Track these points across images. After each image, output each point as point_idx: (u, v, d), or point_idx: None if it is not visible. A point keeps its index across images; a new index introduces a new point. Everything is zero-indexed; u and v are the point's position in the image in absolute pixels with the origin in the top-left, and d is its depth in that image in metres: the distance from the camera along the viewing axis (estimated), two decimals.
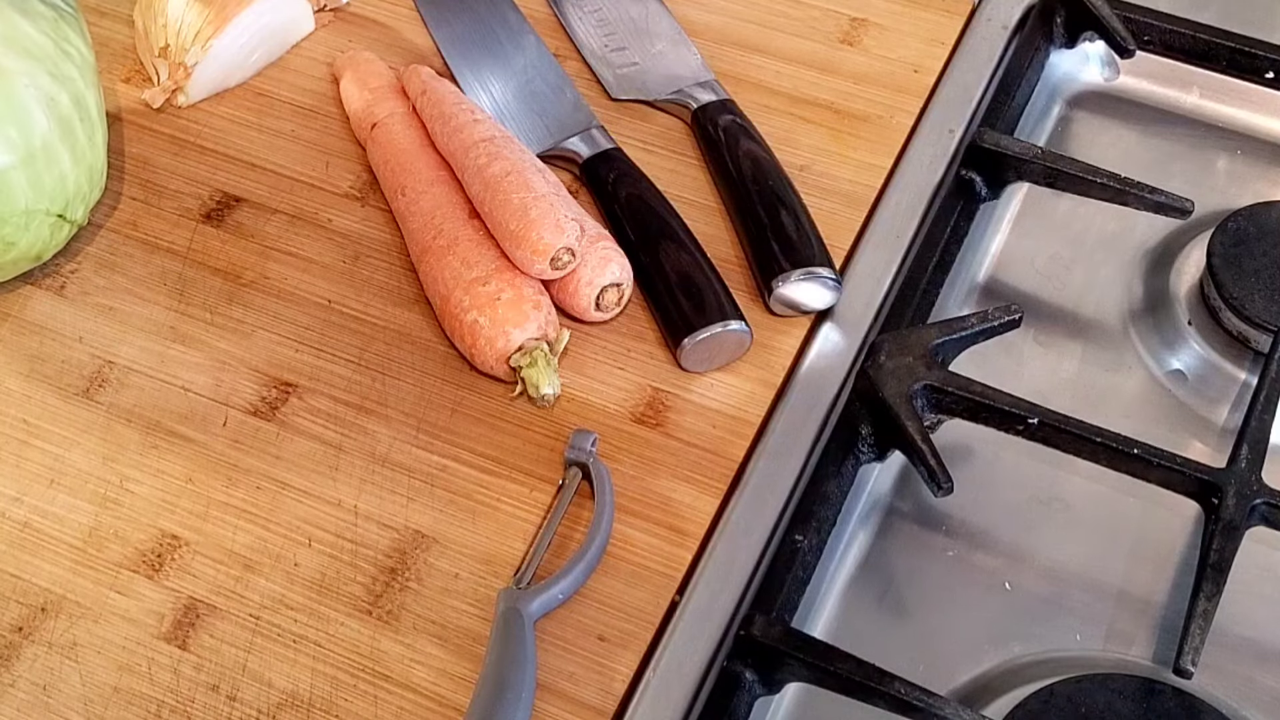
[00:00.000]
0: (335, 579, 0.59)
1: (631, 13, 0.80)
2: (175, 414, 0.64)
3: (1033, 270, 0.76)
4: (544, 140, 0.73)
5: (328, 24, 0.81)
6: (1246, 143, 0.81)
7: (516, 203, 0.64)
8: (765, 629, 0.58)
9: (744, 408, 0.64)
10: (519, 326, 0.63)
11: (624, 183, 0.70)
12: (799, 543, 0.62)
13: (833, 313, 0.67)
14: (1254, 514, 0.62)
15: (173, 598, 0.59)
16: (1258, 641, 0.62)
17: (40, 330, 0.67)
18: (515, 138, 0.69)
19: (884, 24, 0.80)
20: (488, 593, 0.59)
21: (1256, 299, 0.70)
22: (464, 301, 0.64)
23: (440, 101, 0.70)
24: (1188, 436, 0.69)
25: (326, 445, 0.63)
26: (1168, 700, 0.59)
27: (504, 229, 0.64)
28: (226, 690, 0.56)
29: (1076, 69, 0.85)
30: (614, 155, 0.72)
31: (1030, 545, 0.65)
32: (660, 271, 0.66)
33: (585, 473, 0.61)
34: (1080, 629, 0.63)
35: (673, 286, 0.66)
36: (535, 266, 0.64)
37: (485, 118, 0.70)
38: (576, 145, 0.72)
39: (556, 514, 0.60)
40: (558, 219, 0.63)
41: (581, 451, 0.61)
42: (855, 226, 0.71)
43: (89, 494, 0.62)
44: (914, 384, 0.64)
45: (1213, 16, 0.82)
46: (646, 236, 0.68)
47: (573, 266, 0.64)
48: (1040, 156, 0.74)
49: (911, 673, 0.56)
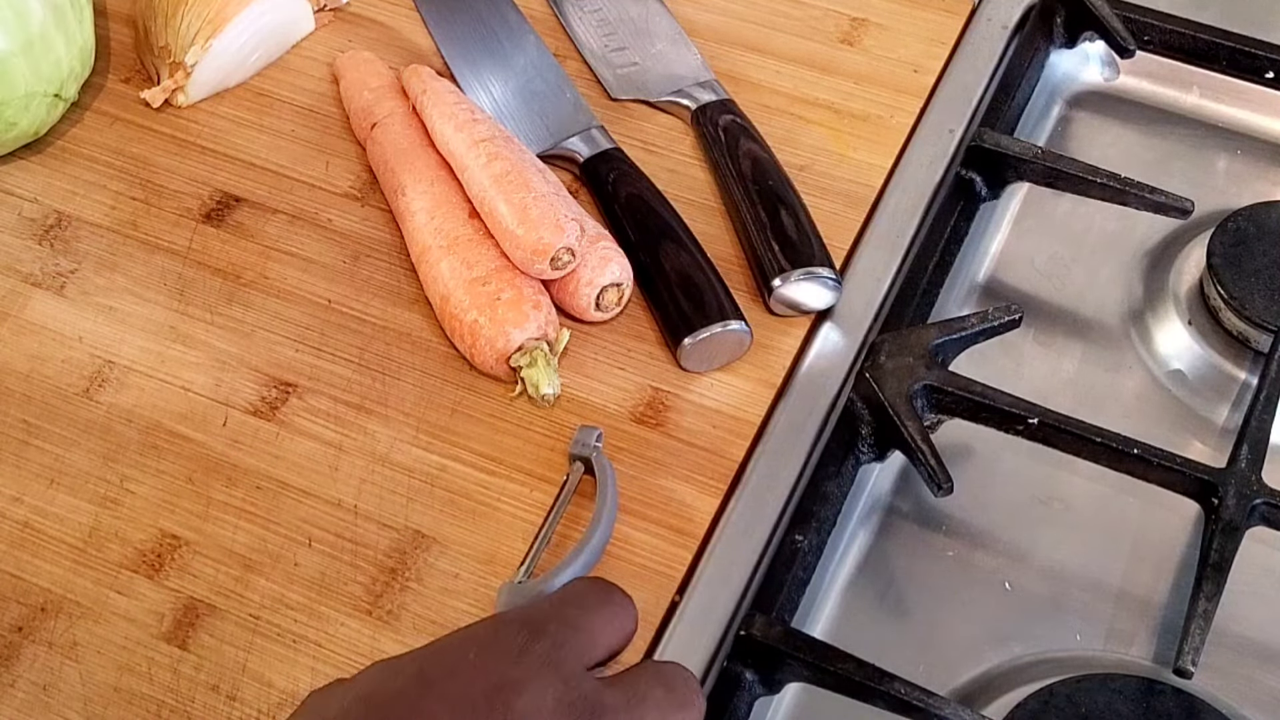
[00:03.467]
0: (335, 579, 0.59)
1: (631, 13, 0.80)
2: (175, 414, 0.64)
3: (1033, 270, 0.76)
4: (544, 140, 0.73)
5: (328, 24, 0.81)
6: (1246, 143, 0.81)
7: (517, 203, 0.64)
8: (765, 629, 0.58)
9: (744, 408, 0.64)
10: (519, 326, 0.63)
11: (624, 182, 0.70)
12: (799, 543, 0.62)
13: (833, 313, 0.67)
14: (1254, 514, 0.62)
15: (173, 597, 0.59)
16: (1258, 641, 0.62)
17: (40, 330, 0.67)
18: (515, 137, 0.69)
19: (884, 24, 0.80)
20: (488, 593, 0.59)
21: (1256, 299, 0.70)
22: (464, 301, 0.64)
23: (440, 101, 0.70)
24: (1188, 436, 0.69)
25: (326, 445, 0.63)
26: (1168, 700, 0.59)
27: (504, 229, 0.64)
28: (226, 690, 0.56)
29: (1076, 69, 0.85)
30: (614, 155, 0.72)
31: (1030, 545, 0.65)
32: (660, 271, 0.66)
33: (588, 467, 0.61)
34: (1080, 629, 0.63)
35: (673, 286, 0.66)
36: (535, 266, 0.64)
37: (485, 118, 0.70)
38: (576, 145, 0.72)
39: (559, 510, 0.60)
40: (558, 219, 0.63)
41: (585, 446, 0.61)
42: (855, 226, 0.71)
43: (89, 494, 0.62)
44: (914, 384, 0.64)
45: (1213, 16, 0.82)
46: (647, 236, 0.68)
47: (573, 266, 0.64)
48: (1040, 156, 0.74)
49: (911, 673, 0.56)
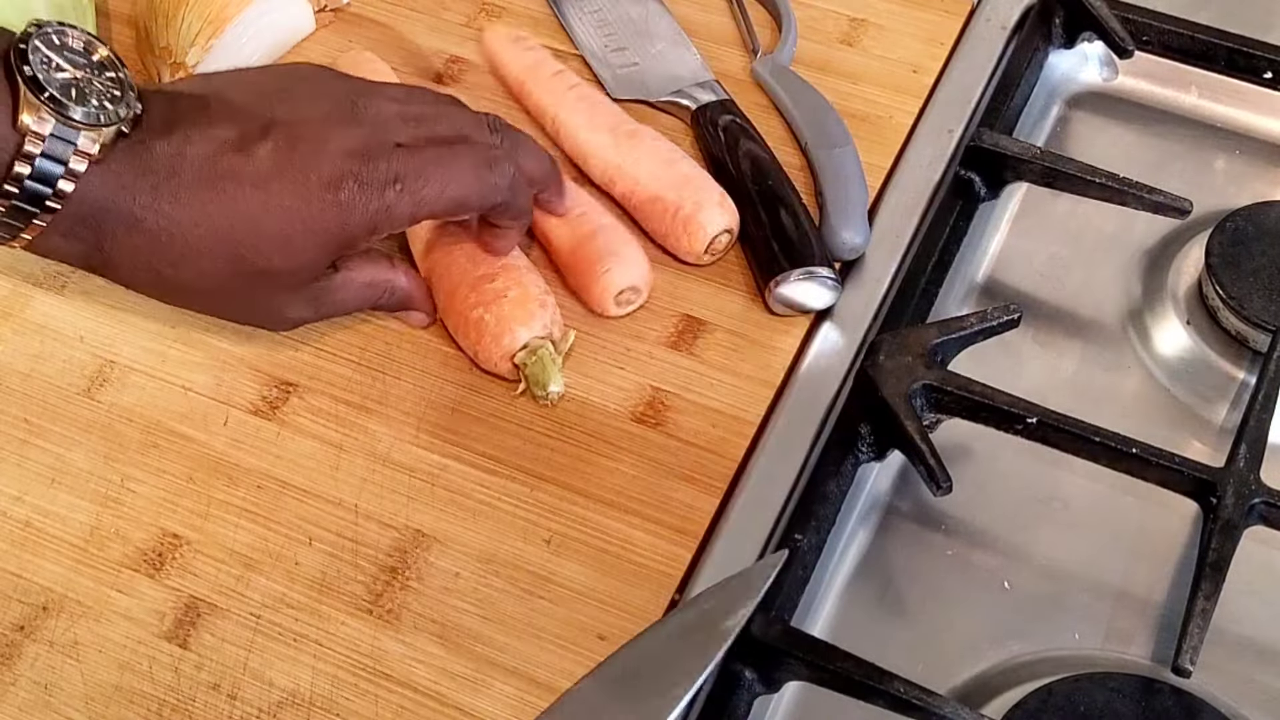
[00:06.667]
0: (336, 578, 0.59)
1: (631, 13, 0.80)
2: (176, 413, 0.64)
3: (1031, 270, 0.76)
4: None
5: (328, 24, 0.81)
6: (1245, 143, 0.81)
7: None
8: (765, 628, 0.58)
9: (744, 407, 0.64)
10: (525, 324, 0.63)
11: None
12: (798, 542, 0.62)
13: (832, 312, 0.68)
14: (1252, 513, 0.62)
15: (174, 596, 0.59)
16: (1256, 640, 0.63)
17: (41, 330, 0.67)
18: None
19: (883, 24, 0.80)
20: (488, 592, 0.59)
21: (1255, 298, 0.70)
22: (470, 298, 0.64)
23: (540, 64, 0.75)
24: (1186, 436, 0.69)
25: (327, 444, 0.63)
26: (1166, 699, 0.59)
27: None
28: (227, 689, 0.56)
29: (1075, 69, 0.85)
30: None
31: (1029, 544, 0.66)
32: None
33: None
34: (1079, 628, 0.63)
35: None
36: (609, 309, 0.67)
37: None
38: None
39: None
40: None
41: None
42: None
43: (90, 493, 0.62)
44: (913, 383, 0.65)
45: (1211, 17, 0.82)
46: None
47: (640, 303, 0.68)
48: (1039, 156, 0.74)
49: (911, 671, 0.56)
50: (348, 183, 0.56)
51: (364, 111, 0.58)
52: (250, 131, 0.56)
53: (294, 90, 0.59)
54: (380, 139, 0.57)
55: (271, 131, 0.56)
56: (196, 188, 0.55)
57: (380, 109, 0.58)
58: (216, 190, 0.55)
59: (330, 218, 0.56)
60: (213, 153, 0.56)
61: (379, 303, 0.64)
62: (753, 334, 0.67)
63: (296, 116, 0.57)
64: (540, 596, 0.59)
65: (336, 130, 0.57)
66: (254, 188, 0.56)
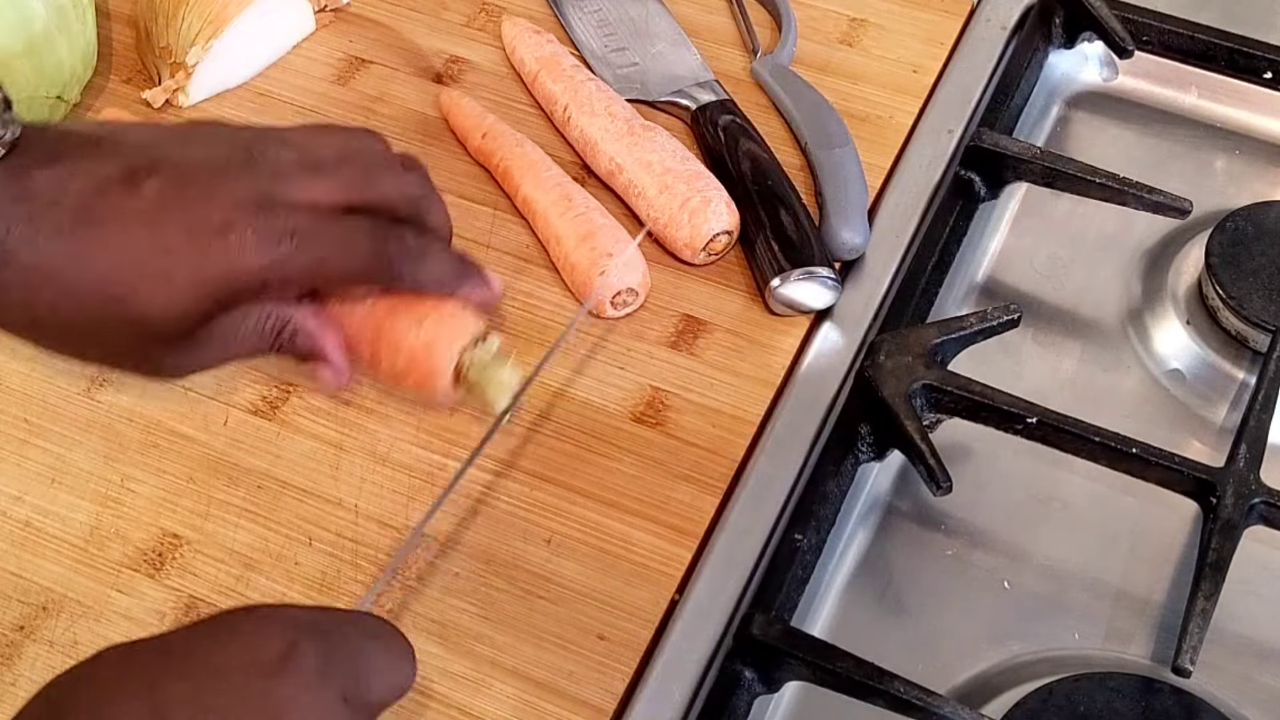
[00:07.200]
0: (336, 578, 0.59)
1: (631, 13, 0.80)
2: (176, 413, 0.64)
3: (1031, 270, 0.76)
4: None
5: (328, 24, 0.81)
6: (1245, 143, 0.81)
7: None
8: (765, 628, 0.58)
9: (744, 407, 0.64)
10: (450, 344, 0.56)
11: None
12: (798, 542, 0.62)
13: (832, 312, 0.68)
14: (1252, 513, 0.62)
15: (174, 596, 0.59)
16: (1256, 640, 0.63)
17: None
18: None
19: (883, 24, 0.80)
20: (488, 592, 0.59)
21: (1255, 298, 0.70)
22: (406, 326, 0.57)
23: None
24: (1186, 436, 0.69)
25: (327, 444, 0.63)
26: (1166, 699, 0.59)
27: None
28: None
29: (1075, 69, 0.85)
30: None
31: (1029, 544, 0.66)
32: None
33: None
34: (1079, 628, 0.63)
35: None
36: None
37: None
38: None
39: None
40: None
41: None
42: None
43: (90, 493, 0.62)
44: (913, 383, 0.65)
45: (1211, 17, 0.82)
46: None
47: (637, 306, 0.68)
48: (1039, 157, 0.74)
49: (911, 671, 0.56)
50: (238, 229, 0.52)
51: (260, 158, 0.54)
52: (139, 169, 0.52)
53: (190, 135, 0.55)
54: (276, 189, 0.53)
55: (161, 170, 0.53)
56: (78, 221, 0.51)
57: (279, 156, 0.55)
58: (99, 225, 0.51)
59: (217, 262, 0.52)
60: (98, 186, 0.52)
61: (279, 345, 0.57)
62: (753, 334, 0.67)
63: (188, 159, 0.53)
64: (540, 596, 0.59)
65: (231, 175, 0.53)
66: (140, 225, 0.51)
